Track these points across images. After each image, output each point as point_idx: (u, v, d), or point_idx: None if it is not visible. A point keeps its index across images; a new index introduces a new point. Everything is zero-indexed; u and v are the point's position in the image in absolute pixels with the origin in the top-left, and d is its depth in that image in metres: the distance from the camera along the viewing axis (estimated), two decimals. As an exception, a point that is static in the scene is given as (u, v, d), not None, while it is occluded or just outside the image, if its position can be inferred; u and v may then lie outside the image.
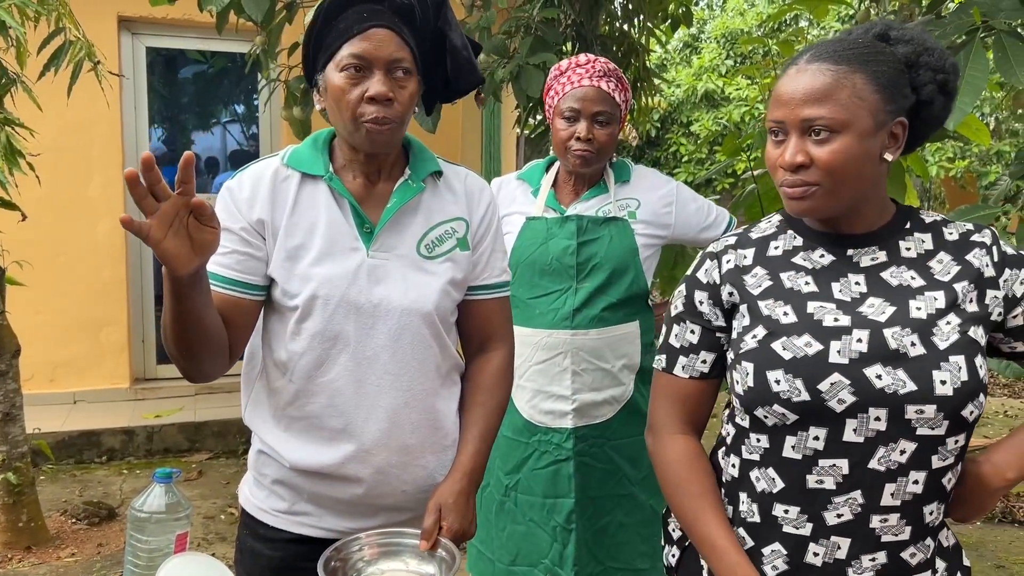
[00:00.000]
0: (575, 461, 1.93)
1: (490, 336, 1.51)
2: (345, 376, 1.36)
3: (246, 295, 1.36)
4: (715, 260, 1.26)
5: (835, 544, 1.14)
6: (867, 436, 1.11)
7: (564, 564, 1.91)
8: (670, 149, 10.69)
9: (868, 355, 1.11)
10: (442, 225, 1.43)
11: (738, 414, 1.21)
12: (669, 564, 1.37)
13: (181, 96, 5.95)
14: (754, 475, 1.19)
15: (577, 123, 1.90)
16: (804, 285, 1.19)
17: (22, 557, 3.18)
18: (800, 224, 1.25)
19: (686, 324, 1.27)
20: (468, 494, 1.39)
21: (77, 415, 4.54)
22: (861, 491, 1.13)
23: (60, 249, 4.54)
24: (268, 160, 1.41)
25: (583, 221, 1.93)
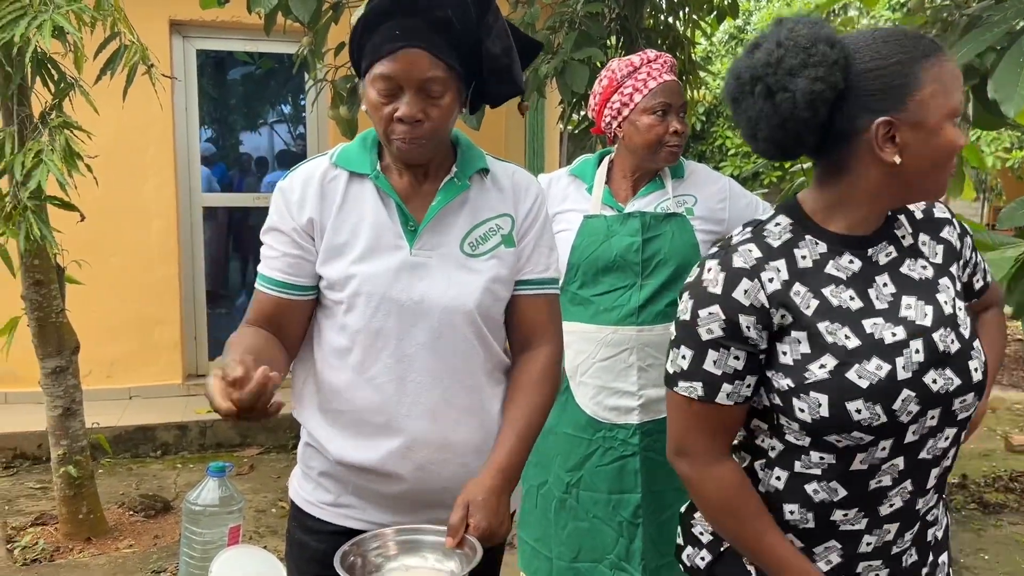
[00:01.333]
0: (641, 456, 1.92)
1: (534, 333, 1.47)
2: (387, 373, 1.37)
3: (299, 296, 1.39)
4: (755, 279, 1.15)
5: (886, 531, 1.20)
6: (922, 434, 1.15)
7: (631, 559, 1.91)
8: (716, 142, 10.57)
9: (924, 363, 1.14)
10: (487, 222, 1.42)
11: (791, 434, 1.18)
12: (696, 566, 1.33)
13: (230, 97, 6.05)
14: (811, 488, 1.19)
15: (668, 118, 1.90)
16: (849, 300, 1.16)
17: (83, 548, 3.28)
18: (814, 226, 1.19)
19: (730, 351, 1.16)
20: (500, 492, 1.32)
21: (133, 410, 4.65)
22: (911, 480, 1.18)
23: (115, 249, 4.65)
24: (318, 160, 1.43)
25: (646, 217, 1.93)
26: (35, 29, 2.52)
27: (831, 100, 1.11)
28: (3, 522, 3.51)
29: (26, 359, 3.48)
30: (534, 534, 2.03)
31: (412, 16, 1.28)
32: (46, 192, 2.72)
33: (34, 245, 2.81)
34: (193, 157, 5.03)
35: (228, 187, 5.96)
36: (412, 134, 1.31)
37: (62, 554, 3.23)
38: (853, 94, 1.11)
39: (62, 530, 3.33)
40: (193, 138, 5.02)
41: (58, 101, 2.91)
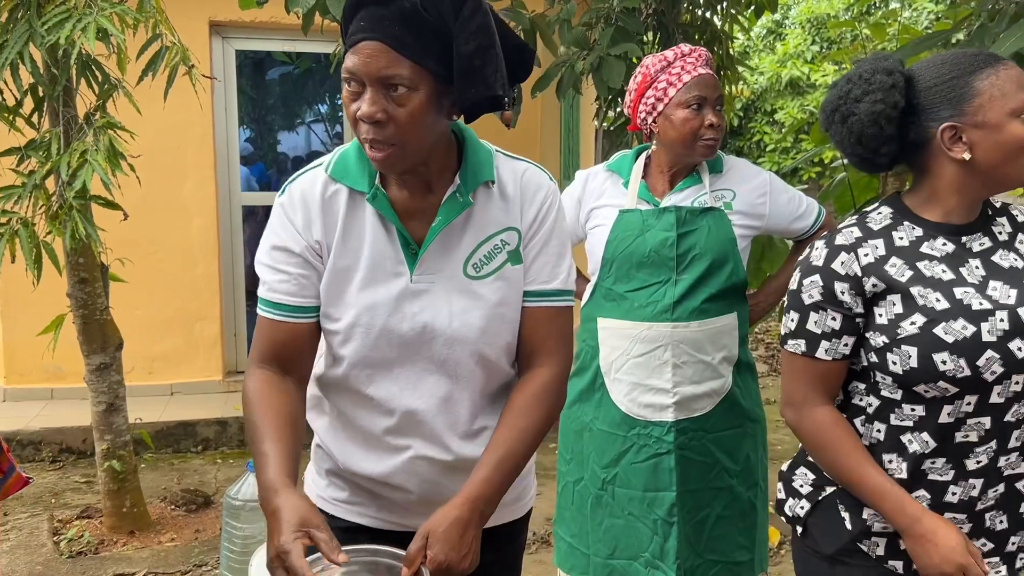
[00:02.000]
0: (676, 454, 1.91)
1: (535, 350, 1.36)
2: (389, 399, 1.34)
3: (311, 319, 1.33)
4: (851, 253, 1.38)
5: (972, 485, 1.36)
6: (1008, 397, 1.33)
7: (665, 557, 1.90)
8: (754, 138, 10.46)
9: (1011, 332, 1.31)
10: (492, 239, 1.33)
11: (886, 388, 1.38)
12: (795, 514, 1.51)
13: (268, 97, 6.12)
14: (906, 438, 1.38)
15: (703, 111, 1.89)
16: (942, 272, 1.35)
17: (126, 541, 3.34)
18: (913, 215, 1.40)
19: (827, 312, 1.39)
20: (465, 524, 1.22)
21: (174, 406, 4.73)
22: (997, 440, 1.34)
23: (156, 247, 4.73)
24: (313, 172, 1.34)
25: (682, 212, 1.91)
26: (80, 31, 2.57)
27: (894, 117, 1.35)
28: (50, 515, 3.59)
29: (71, 356, 3.55)
30: (571, 530, 2.03)
31: (378, 6, 1.18)
32: (91, 191, 2.77)
33: (79, 244, 2.87)
34: (232, 156, 5.10)
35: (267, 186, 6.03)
36: (375, 135, 1.20)
37: (106, 547, 3.29)
38: (921, 109, 1.35)
39: (107, 523, 3.40)
40: (232, 138, 5.08)
41: (102, 102, 2.96)
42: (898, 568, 1.42)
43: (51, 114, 2.98)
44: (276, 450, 1.22)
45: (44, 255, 2.79)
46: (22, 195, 2.79)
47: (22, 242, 2.73)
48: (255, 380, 1.31)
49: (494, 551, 1.36)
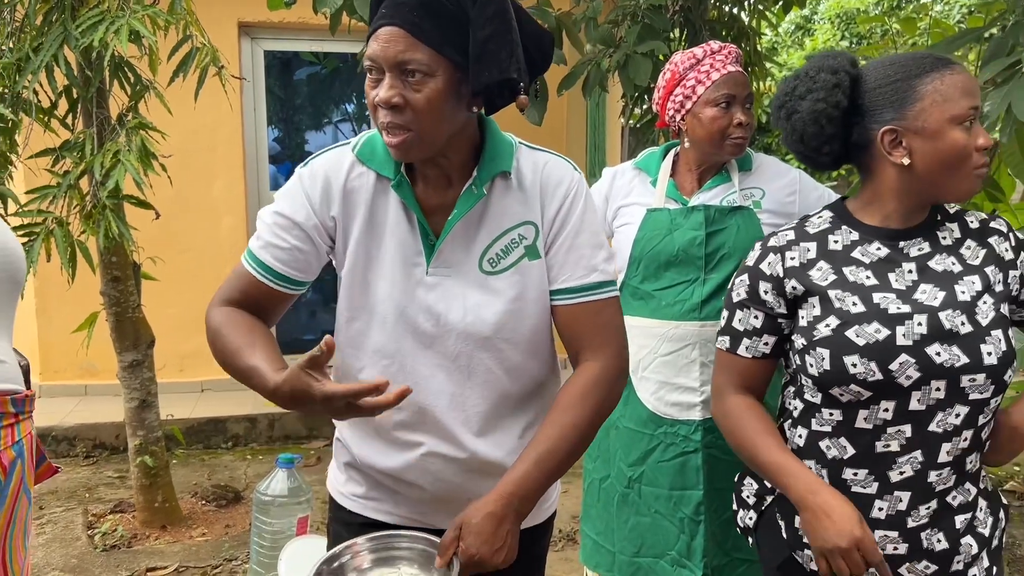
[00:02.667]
0: (703, 453, 1.90)
1: (582, 347, 1.34)
2: None
3: (291, 289, 1.33)
4: (779, 255, 1.40)
5: (897, 498, 1.33)
6: (928, 404, 1.29)
7: (692, 556, 1.89)
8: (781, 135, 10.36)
9: (928, 336, 1.29)
10: (508, 233, 1.31)
11: (808, 392, 1.38)
12: (746, 526, 1.53)
13: (296, 97, 6.17)
14: (824, 444, 1.37)
15: (732, 109, 1.88)
16: (866, 279, 1.34)
17: (158, 535, 3.39)
18: (852, 220, 1.40)
19: (750, 310, 1.43)
20: (500, 519, 1.22)
21: (204, 403, 4.79)
22: (921, 451, 1.31)
23: (187, 245, 4.79)
24: (340, 151, 1.34)
25: (710, 211, 1.90)
26: (113, 34, 2.61)
27: (836, 116, 1.34)
28: (84, 509, 3.65)
29: (105, 353, 3.61)
30: (596, 528, 2.03)
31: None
32: (123, 191, 2.81)
33: (112, 243, 2.91)
34: (261, 156, 5.15)
35: (295, 185, 6.08)
36: (393, 119, 1.20)
37: (139, 541, 3.35)
38: (865, 110, 1.34)
39: (139, 518, 3.45)
40: (261, 137, 5.13)
41: (134, 103, 3.01)
42: None
43: (85, 115, 3.03)
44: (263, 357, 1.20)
45: (78, 254, 2.84)
46: (57, 195, 2.84)
47: (57, 241, 2.78)
48: (220, 312, 1.31)
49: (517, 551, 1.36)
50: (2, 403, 1.18)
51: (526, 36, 1.26)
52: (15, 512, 1.20)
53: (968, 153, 1.29)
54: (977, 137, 1.29)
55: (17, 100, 2.79)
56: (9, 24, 2.88)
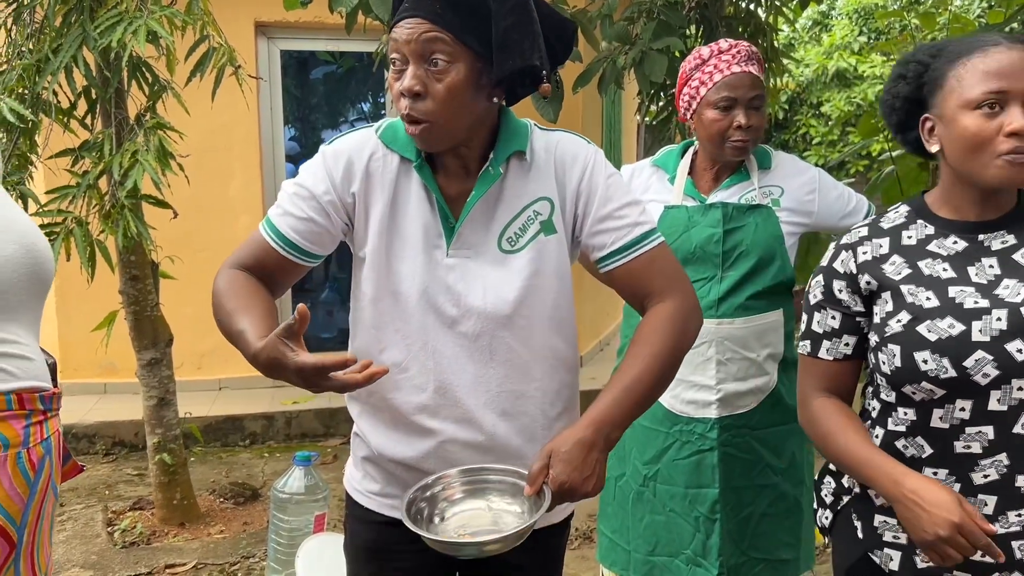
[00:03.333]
0: (719, 451, 1.90)
1: (647, 296, 1.35)
2: (424, 375, 1.34)
3: (304, 261, 1.36)
4: (851, 251, 1.37)
5: (982, 501, 1.26)
6: (1011, 404, 1.22)
7: (708, 555, 1.89)
8: (799, 131, 10.29)
9: (1008, 332, 1.22)
10: (525, 211, 1.33)
11: (883, 391, 1.34)
12: (823, 525, 1.49)
13: (312, 96, 6.20)
14: (901, 444, 1.32)
15: (732, 112, 1.86)
16: (942, 271, 1.29)
17: (177, 533, 3.41)
18: (929, 213, 1.36)
19: (827, 311, 1.39)
20: (589, 446, 1.21)
21: (222, 401, 4.82)
22: (1007, 453, 1.24)
23: (204, 244, 4.82)
24: (364, 134, 1.37)
25: (728, 209, 1.89)
26: (131, 34, 2.63)
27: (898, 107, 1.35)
28: (104, 506, 3.68)
29: (124, 351, 3.64)
30: (612, 526, 2.03)
31: None
32: (142, 191, 2.84)
33: (131, 242, 2.94)
34: (278, 155, 5.17)
35: (311, 184, 6.11)
36: (413, 108, 1.23)
37: (158, 538, 3.38)
38: (922, 99, 1.33)
39: (158, 515, 3.48)
40: (278, 137, 5.16)
41: (152, 103, 3.03)
42: None
43: (103, 115, 3.05)
44: (252, 322, 1.21)
45: (97, 253, 2.86)
46: (76, 195, 2.87)
47: (77, 241, 2.80)
48: (228, 274, 1.34)
49: (533, 552, 1.36)
50: (31, 400, 1.19)
51: (547, 25, 1.29)
52: (43, 508, 1.22)
53: (984, 139, 1.23)
54: (1005, 121, 1.21)
55: (37, 101, 2.82)
56: (29, 25, 2.91)
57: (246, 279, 1.33)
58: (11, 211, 1.23)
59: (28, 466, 1.18)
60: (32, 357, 1.22)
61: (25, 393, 1.18)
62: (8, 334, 1.18)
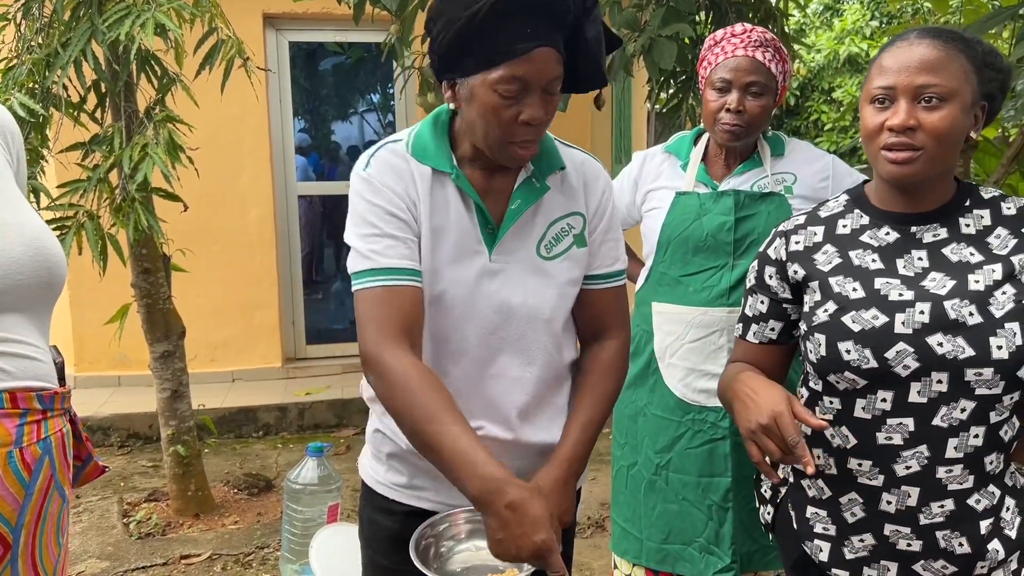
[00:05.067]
0: (731, 440, 1.89)
1: (605, 326, 1.47)
2: (463, 378, 1.37)
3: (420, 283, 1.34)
4: (784, 239, 1.40)
5: (905, 493, 1.28)
6: (930, 397, 1.24)
7: (721, 543, 1.88)
8: (811, 117, 10.22)
9: (930, 325, 1.24)
10: (559, 222, 1.39)
11: (811, 379, 1.37)
12: (766, 522, 1.53)
13: (321, 88, 6.19)
14: (828, 433, 1.34)
15: (728, 94, 1.84)
16: (871, 262, 1.31)
17: (191, 524, 3.44)
18: (866, 203, 1.37)
19: (758, 295, 1.43)
20: (566, 482, 1.34)
21: (235, 393, 4.84)
22: (927, 445, 1.26)
23: (215, 237, 4.84)
24: (393, 147, 1.36)
25: (740, 196, 1.87)
26: (139, 27, 2.63)
27: None
28: (119, 498, 3.71)
29: (137, 344, 3.67)
30: (624, 515, 2.02)
31: (540, 13, 1.22)
32: (152, 184, 2.84)
33: (142, 235, 2.95)
34: (288, 147, 5.18)
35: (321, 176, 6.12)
36: (534, 136, 1.28)
37: (173, 529, 3.40)
38: None
39: (173, 506, 3.51)
40: (287, 128, 5.16)
41: (161, 96, 3.03)
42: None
43: (113, 109, 3.06)
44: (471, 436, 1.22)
45: (109, 247, 2.87)
46: (87, 189, 2.88)
47: (88, 234, 2.81)
48: (403, 361, 1.25)
49: None
50: (26, 399, 1.19)
51: None
52: (45, 509, 1.21)
53: (871, 132, 1.26)
54: (888, 116, 1.24)
55: (47, 95, 2.83)
56: (38, 20, 2.91)
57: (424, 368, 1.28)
58: (22, 214, 1.23)
59: (21, 466, 1.17)
60: (35, 356, 1.22)
61: (20, 392, 1.18)
62: (9, 333, 1.17)
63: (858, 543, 1.34)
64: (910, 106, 1.22)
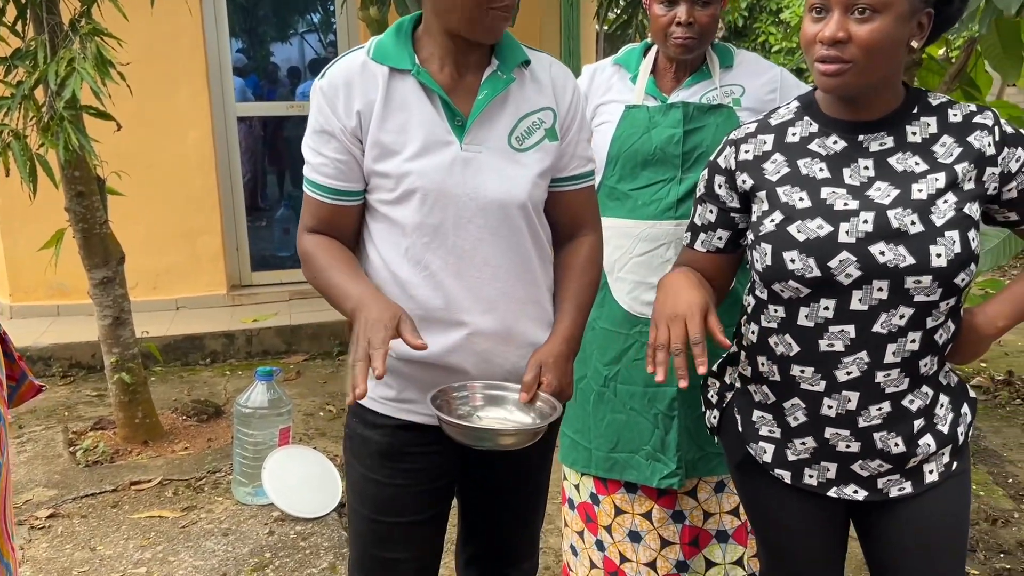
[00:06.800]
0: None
1: (579, 225, 1.54)
2: (446, 269, 1.40)
3: (349, 201, 1.43)
4: (734, 147, 1.40)
5: (846, 397, 1.33)
6: (871, 304, 1.27)
7: (667, 450, 1.93)
8: (759, 39, 10.19)
9: (873, 234, 1.26)
10: (530, 116, 1.43)
11: (757, 288, 1.39)
12: (712, 426, 1.58)
13: (260, 7, 5.94)
14: (772, 340, 1.38)
15: (676, 6, 1.80)
16: (819, 172, 1.32)
17: (140, 451, 3.41)
18: (816, 110, 1.37)
19: (707, 204, 1.44)
20: (567, 357, 1.47)
21: (180, 320, 4.76)
22: (867, 351, 1.30)
23: (153, 160, 4.67)
24: (354, 54, 1.42)
25: (689, 109, 1.86)
26: (58, -68, 2.47)
27: None
28: (64, 427, 3.65)
29: (74, 272, 3.56)
30: (574, 427, 2.06)
31: None
32: (81, 101, 2.71)
33: (73, 155, 2.83)
34: (225, 66, 4.98)
35: (260, 98, 5.92)
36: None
37: (122, 456, 3.37)
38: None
39: (120, 434, 3.47)
40: (224, 47, 4.96)
41: (87, 8, 2.87)
42: (785, 478, 1.41)
43: (35, 21, 2.89)
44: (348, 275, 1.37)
45: (39, 168, 2.76)
46: (12, 106, 2.74)
47: (15, 155, 2.69)
48: (310, 239, 1.44)
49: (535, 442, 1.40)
50: None
51: None
52: None
53: (807, 42, 1.27)
54: (821, 28, 1.24)
55: (-38, 6, 2.66)
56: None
57: (323, 239, 1.44)
58: None
59: None
60: None
61: None
62: None
63: (800, 445, 1.39)
64: (842, 18, 1.22)
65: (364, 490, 1.52)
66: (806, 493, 1.41)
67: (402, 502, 1.49)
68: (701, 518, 2.00)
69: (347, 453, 1.56)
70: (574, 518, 2.13)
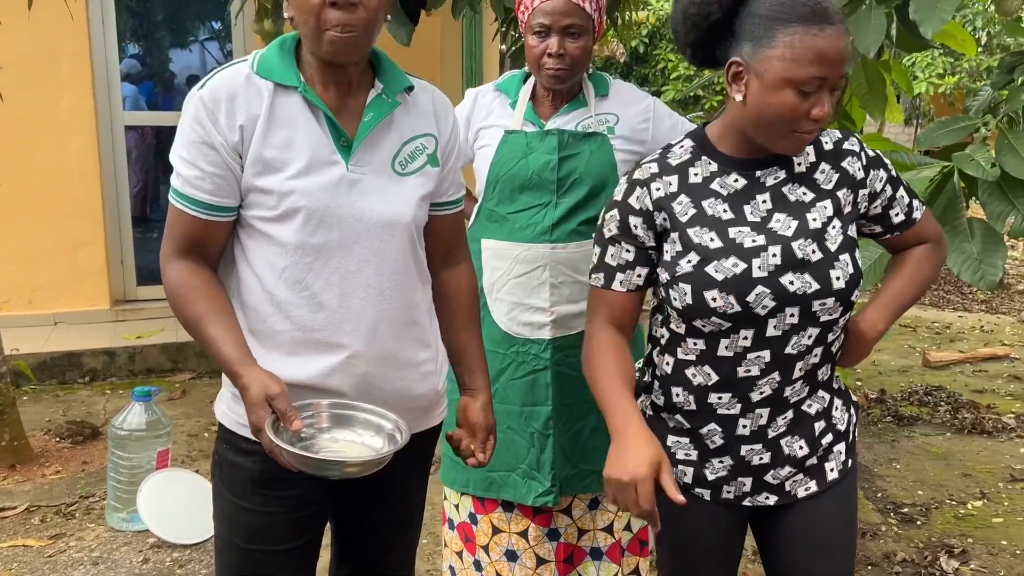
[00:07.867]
0: (552, 370, 1.95)
1: (453, 249, 1.58)
2: (329, 290, 1.37)
3: (223, 217, 1.37)
4: (645, 188, 1.41)
5: (759, 415, 1.41)
6: (784, 330, 1.36)
7: (541, 468, 1.95)
8: (658, 65, 10.50)
9: (782, 266, 1.34)
10: (414, 141, 1.44)
11: (674, 322, 1.43)
12: None
13: (155, 14, 5.77)
14: (690, 372, 1.42)
15: (548, 39, 1.85)
16: (723, 212, 1.37)
17: (7, 475, 3.22)
18: (712, 150, 1.41)
19: (622, 245, 1.43)
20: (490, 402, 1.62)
21: (58, 336, 4.54)
22: (779, 371, 1.38)
23: (32, 169, 4.46)
24: (236, 67, 1.37)
25: (564, 136, 1.90)
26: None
27: (703, 26, 1.33)
28: (-77, 450, 3.42)
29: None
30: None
31: None
32: (-55, 106, 2.57)
33: (-64, 163, 2.67)
34: (112, 72, 4.80)
35: (155, 106, 5.74)
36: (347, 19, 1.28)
37: (-15, 481, 3.18)
38: (733, 33, 1.31)
39: (-16, 457, 3.27)
40: (112, 52, 4.78)
41: (-46, 8, 2.73)
42: (705, 495, 1.46)
43: None
44: (225, 329, 1.33)
45: None
46: None
47: None
48: (178, 271, 1.37)
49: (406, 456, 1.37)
50: None
51: None
52: None
53: (795, 117, 1.27)
54: (813, 106, 1.26)
55: None
56: None
57: (193, 273, 1.37)
58: None
59: None
60: None
61: None
62: None
63: (718, 464, 1.45)
64: None
65: (235, 518, 1.47)
66: (722, 505, 1.47)
67: (276, 529, 1.46)
68: (575, 535, 2.04)
69: (216, 481, 1.50)
70: (453, 538, 2.13)
